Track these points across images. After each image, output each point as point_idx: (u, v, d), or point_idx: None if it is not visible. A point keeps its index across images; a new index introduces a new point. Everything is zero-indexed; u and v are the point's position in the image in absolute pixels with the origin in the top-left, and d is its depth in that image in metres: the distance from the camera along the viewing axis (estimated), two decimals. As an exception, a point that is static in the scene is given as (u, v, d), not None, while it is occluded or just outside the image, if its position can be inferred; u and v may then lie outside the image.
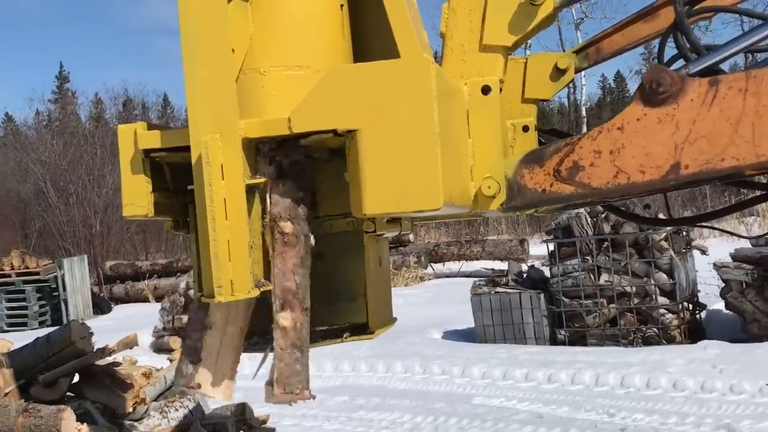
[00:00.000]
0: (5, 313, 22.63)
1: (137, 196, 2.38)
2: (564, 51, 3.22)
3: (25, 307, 22.54)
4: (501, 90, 2.53)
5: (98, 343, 6.27)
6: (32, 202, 46.72)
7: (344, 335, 2.53)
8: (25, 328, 21.40)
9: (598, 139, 2.34)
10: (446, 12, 2.59)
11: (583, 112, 46.90)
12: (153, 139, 2.35)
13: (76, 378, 5.84)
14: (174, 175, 2.45)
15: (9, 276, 22.83)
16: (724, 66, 2.47)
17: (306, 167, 2.41)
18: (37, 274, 22.82)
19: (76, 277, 23.32)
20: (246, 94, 2.35)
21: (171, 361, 7.11)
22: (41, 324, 22.04)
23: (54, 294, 23.10)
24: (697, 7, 2.91)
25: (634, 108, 2.31)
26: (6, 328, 21.64)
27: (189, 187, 2.25)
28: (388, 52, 2.38)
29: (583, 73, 45.62)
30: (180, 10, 2.22)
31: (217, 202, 2.12)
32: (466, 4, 2.56)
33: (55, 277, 22.97)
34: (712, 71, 2.45)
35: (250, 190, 2.22)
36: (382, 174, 2.08)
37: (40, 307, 22.80)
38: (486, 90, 2.45)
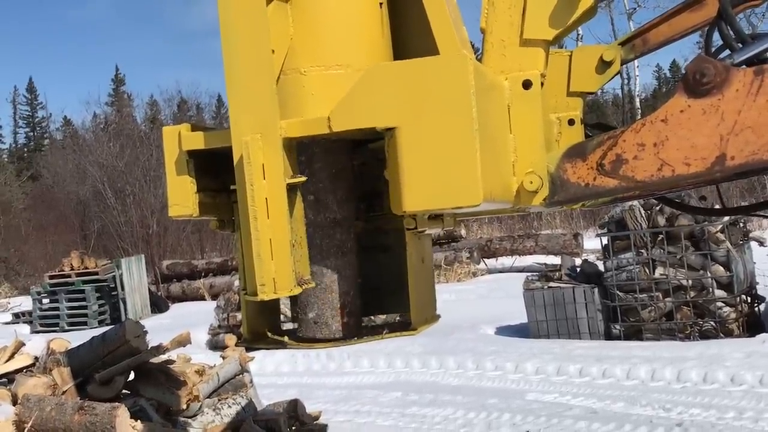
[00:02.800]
0: (66, 312, 23.08)
1: (182, 197, 2.43)
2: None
3: (85, 307, 22.96)
4: (542, 84, 2.51)
5: (156, 341, 6.38)
6: (91, 203, 47.60)
7: (384, 331, 2.54)
8: (85, 327, 21.80)
9: (641, 131, 2.32)
10: (486, 7, 2.58)
11: (638, 103, 46.21)
12: (196, 141, 2.40)
13: (132, 376, 5.95)
14: (218, 175, 2.49)
15: (69, 276, 23.29)
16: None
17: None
18: (96, 274, 23.25)
19: (134, 277, 23.70)
20: (287, 94, 2.38)
21: (224, 358, 7.19)
22: (101, 323, 22.43)
23: (113, 293, 23.51)
24: (742, -6, 2.87)
25: (677, 99, 2.28)
26: (67, 328, 22.07)
27: (232, 187, 2.29)
28: (428, 49, 2.38)
29: (636, 63, 44.99)
30: (220, 13, 2.25)
31: (258, 202, 2.15)
32: None
33: (114, 276, 23.37)
34: (759, 60, 2.41)
35: (292, 189, 2.24)
36: (421, 171, 2.09)
37: (100, 306, 23.21)
38: (527, 84, 2.44)
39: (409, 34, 2.57)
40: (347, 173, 2.46)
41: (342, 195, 2.42)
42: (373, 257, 2.60)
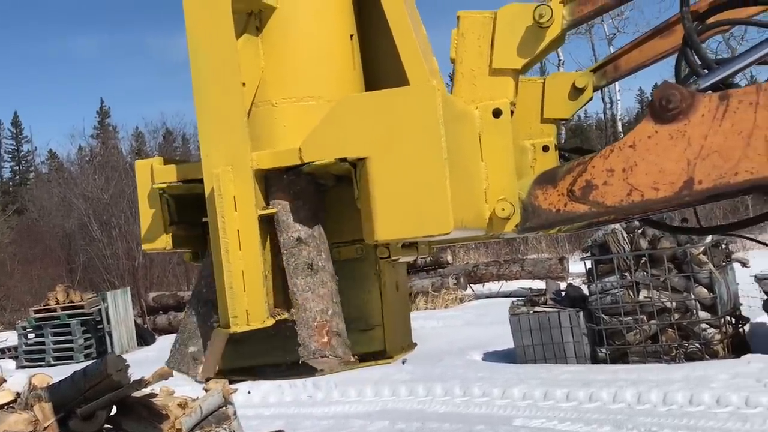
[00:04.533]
0: (52, 347, 22.92)
1: (155, 230, 2.43)
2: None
3: (71, 341, 22.81)
4: (513, 112, 2.53)
5: (142, 373, 6.33)
6: (76, 236, 47.37)
7: (358, 360, 2.53)
8: (72, 361, 21.62)
9: (610, 157, 2.34)
10: (455, 37, 2.61)
11: (620, 127, 46.56)
12: (168, 174, 2.40)
13: (114, 410, 5.90)
14: (191, 208, 2.50)
15: (55, 310, 23.14)
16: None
17: (312, 194, 2.44)
18: (82, 307, 23.11)
19: (120, 310, 23.58)
20: (259, 126, 2.40)
21: (207, 390, 7.15)
22: (87, 357, 22.24)
23: (99, 327, 23.36)
24: (709, 21, 2.91)
25: (645, 125, 2.30)
26: (53, 363, 21.90)
27: (204, 219, 2.29)
28: (398, 80, 2.40)
29: (618, 87, 45.37)
30: (189, 46, 2.27)
31: (230, 234, 2.16)
32: (475, 29, 2.58)
33: (100, 310, 23.23)
34: (724, 85, 2.44)
35: (264, 220, 2.25)
36: (392, 200, 2.10)
37: (85, 340, 23.05)
38: (497, 113, 2.46)
39: (380, 65, 2.59)
40: (309, 194, 2.41)
41: (304, 214, 2.38)
42: None
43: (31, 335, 23.45)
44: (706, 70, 2.49)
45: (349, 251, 2.48)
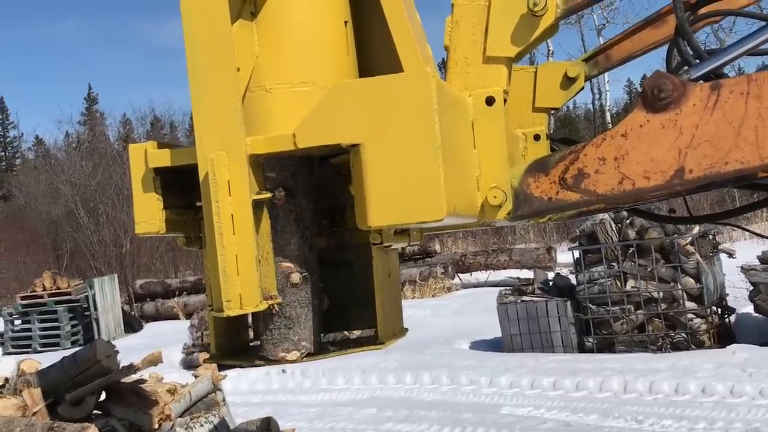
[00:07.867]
0: (38, 333, 22.85)
1: (149, 214, 2.44)
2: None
3: (58, 328, 22.73)
4: (505, 101, 2.54)
5: (129, 360, 6.34)
6: (63, 223, 47.10)
7: (350, 346, 2.56)
8: (58, 348, 21.53)
9: (602, 146, 2.36)
10: (449, 25, 2.62)
11: (609, 118, 46.64)
12: (162, 158, 2.41)
13: (103, 396, 5.91)
14: (185, 192, 2.51)
15: (41, 297, 23.05)
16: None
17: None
18: (69, 294, 23.01)
19: (107, 297, 23.50)
20: (253, 111, 2.40)
21: (196, 377, 7.16)
22: (74, 344, 22.16)
23: (86, 314, 23.28)
24: (700, 11, 2.93)
25: (637, 114, 2.32)
26: (39, 349, 21.82)
27: (198, 204, 2.30)
28: (392, 67, 2.41)
29: (606, 78, 45.39)
30: (185, 31, 2.27)
31: (224, 218, 2.17)
32: (469, 17, 2.58)
33: (86, 296, 23.16)
34: (715, 75, 2.46)
35: (258, 205, 2.26)
36: (385, 186, 2.11)
37: (72, 327, 22.97)
38: (490, 101, 2.47)
39: (374, 51, 2.60)
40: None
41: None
42: (337, 273, 2.62)
43: (17, 321, 23.36)
44: (697, 60, 2.51)
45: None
